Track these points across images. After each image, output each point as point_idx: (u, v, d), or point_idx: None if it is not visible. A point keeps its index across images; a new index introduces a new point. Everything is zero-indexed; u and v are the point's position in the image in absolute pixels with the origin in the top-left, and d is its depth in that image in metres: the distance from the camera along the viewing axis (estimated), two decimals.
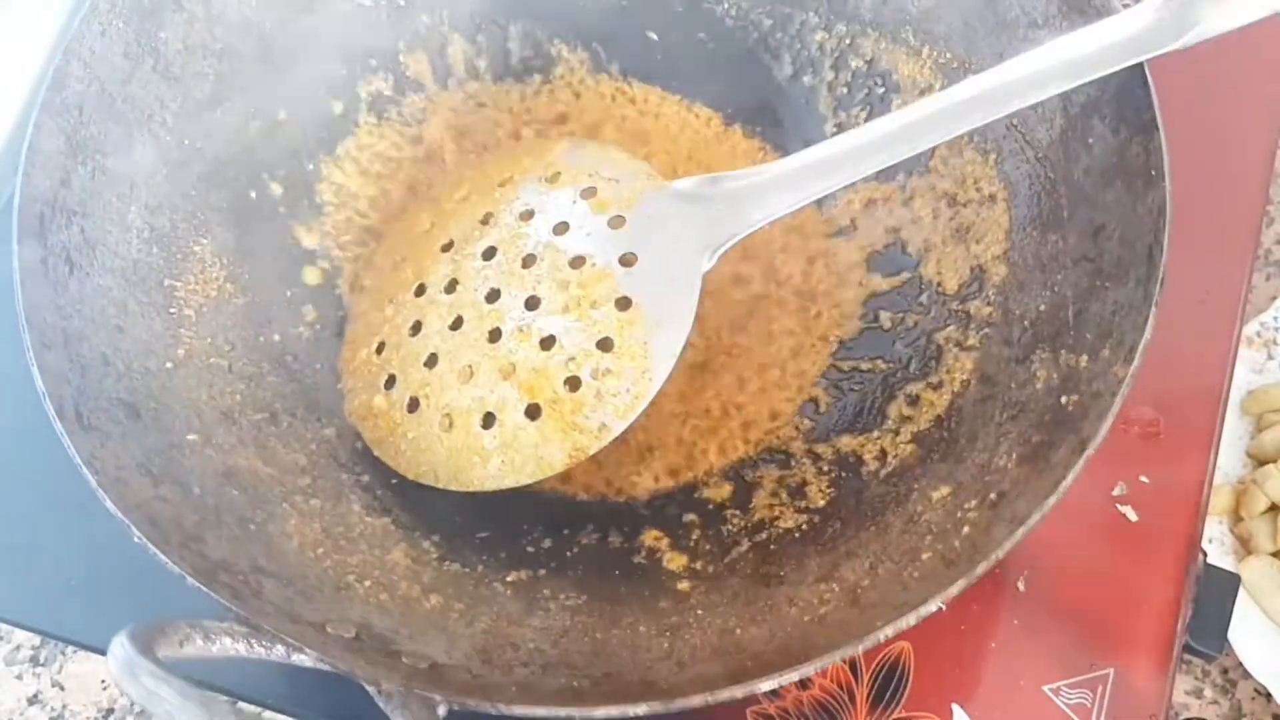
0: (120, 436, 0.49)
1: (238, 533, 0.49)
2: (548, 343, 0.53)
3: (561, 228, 0.55)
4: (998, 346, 0.55)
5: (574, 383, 0.52)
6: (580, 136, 0.68)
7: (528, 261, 0.55)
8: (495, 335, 0.54)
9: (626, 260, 0.53)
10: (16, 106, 0.60)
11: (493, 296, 0.55)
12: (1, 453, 0.62)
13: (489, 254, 0.56)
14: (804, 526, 0.54)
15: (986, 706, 0.55)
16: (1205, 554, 0.59)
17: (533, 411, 0.53)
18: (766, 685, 0.41)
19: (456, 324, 0.55)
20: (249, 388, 0.56)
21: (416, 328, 0.56)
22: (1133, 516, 0.58)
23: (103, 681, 0.67)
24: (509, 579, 0.53)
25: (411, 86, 0.67)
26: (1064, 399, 0.48)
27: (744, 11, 0.65)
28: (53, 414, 0.47)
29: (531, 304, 0.54)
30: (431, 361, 0.55)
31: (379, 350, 0.58)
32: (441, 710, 0.41)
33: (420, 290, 0.57)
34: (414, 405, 0.55)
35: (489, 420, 0.53)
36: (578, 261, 0.54)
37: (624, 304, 0.53)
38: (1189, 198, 0.50)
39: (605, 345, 0.52)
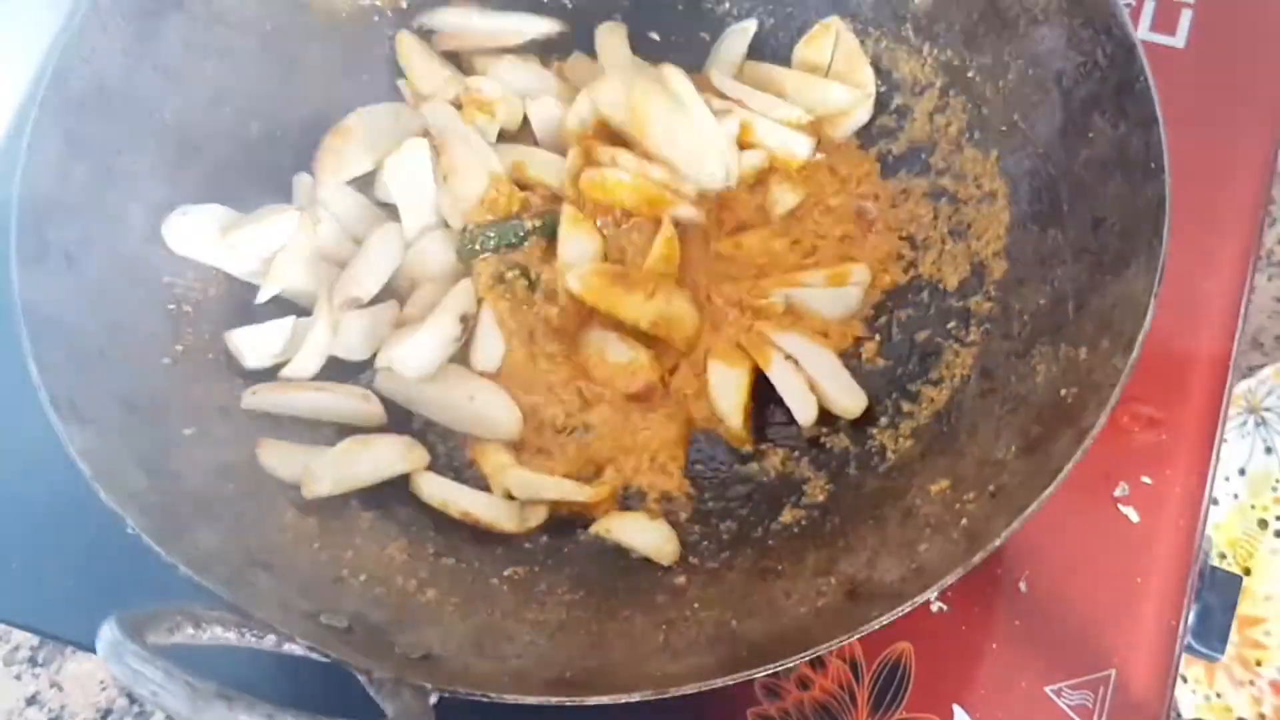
0: (117, 431, 0.49)
1: (232, 525, 0.49)
2: None
3: None
4: (998, 341, 0.54)
5: None
6: None
7: None
8: None
9: None
10: (16, 105, 0.60)
11: None
12: (1, 455, 0.62)
13: None
14: (803, 522, 0.54)
15: (987, 707, 0.54)
16: (1205, 554, 0.58)
17: None
18: (761, 674, 0.41)
19: None
20: (246, 383, 0.56)
21: None
22: (1134, 517, 0.57)
23: (101, 682, 0.67)
24: (506, 574, 0.53)
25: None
26: (1064, 391, 0.47)
27: (745, 11, 0.65)
28: (48, 406, 0.46)
29: None
30: None
31: None
32: (433, 698, 0.41)
33: None
34: None
35: None
36: None
37: None
38: (1190, 200, 0.50)
39: None
